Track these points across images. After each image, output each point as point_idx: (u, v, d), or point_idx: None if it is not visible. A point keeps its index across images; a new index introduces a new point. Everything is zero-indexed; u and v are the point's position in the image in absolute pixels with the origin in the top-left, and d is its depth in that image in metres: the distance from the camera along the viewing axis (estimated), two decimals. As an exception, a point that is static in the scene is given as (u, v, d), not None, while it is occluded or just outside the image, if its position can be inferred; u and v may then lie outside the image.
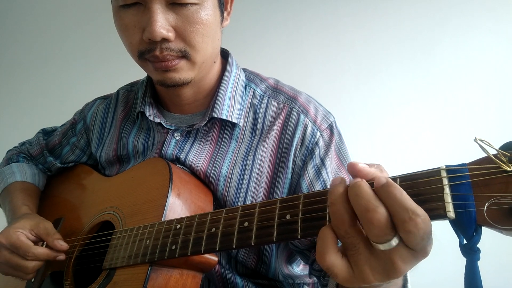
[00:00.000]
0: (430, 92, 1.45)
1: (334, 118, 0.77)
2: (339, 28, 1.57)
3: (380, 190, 0.37)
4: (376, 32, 1.53)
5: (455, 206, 0.36)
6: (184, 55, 0.67)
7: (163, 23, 0.62)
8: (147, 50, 0.66)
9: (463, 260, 0.41)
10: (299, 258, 0.84)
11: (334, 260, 0.39)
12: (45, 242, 0.76)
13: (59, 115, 1.11)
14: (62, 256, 0.72)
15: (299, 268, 0.87)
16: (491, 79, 1.39)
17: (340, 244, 0.40)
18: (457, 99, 1.43)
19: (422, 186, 0.37)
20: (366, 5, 1.54)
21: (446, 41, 1.45)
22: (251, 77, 0.83)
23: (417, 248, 0.36)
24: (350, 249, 0.39)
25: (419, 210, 0.35)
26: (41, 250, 0.71)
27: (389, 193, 0.36)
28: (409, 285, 0.46)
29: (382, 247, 0.36)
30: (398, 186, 0.36)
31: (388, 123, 1.49)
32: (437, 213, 0.36)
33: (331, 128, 0.75)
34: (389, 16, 1.51)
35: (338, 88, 1.56)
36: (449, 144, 1.41)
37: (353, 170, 0.41)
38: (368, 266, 0.38)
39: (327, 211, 0.42)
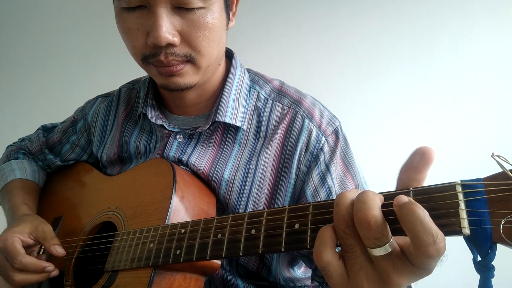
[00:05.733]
0: (431, 92, 1.45)
1: (339, 122, 0.76)
2: (340, 28, 1.56)
3: (401, 208, 0.35)
4: (376, 32, 1.52)
5: (471, 223, 0.35)
6: (189, 60, 0.65)
7: (168, 28, 0.60)
8: (151, 55, 0.64)
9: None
10: (300, 261, 0.84)
11: (331, 259, 0.39)
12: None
13: (60, 111, 1.10)
14: (51, 267, 0.69)
15: (300, 271, 0.87)
16: (492, 79, 1.39)
17: (338, 250, 0.41)
18: (458, 99, 1.42)
19: (437, 201, 0.37)
20: (366, 5, 1.53)
21: (446, 41, 1.44)
22: (255, 79, 0.81)
23: (422, 266, 0.36)
24: (347, 250, 0.39)
25: (441, 235, 0.34)
26: (29, 260, 0.68)
27: (413, 212, 0.34)
28: None
29: (375, 252, 0.36)
30: (421, 206, 0.35)
31: (388, 124, 1.49)
32: (452, 229, 0.35)
33: (336, 133, 0.73)
34: (389, 17, 1.50)
35: (338, 88, 1.55)
36: (450, 145, 1.41)
37: None
38: (363, 272, 0.38)
39: None
